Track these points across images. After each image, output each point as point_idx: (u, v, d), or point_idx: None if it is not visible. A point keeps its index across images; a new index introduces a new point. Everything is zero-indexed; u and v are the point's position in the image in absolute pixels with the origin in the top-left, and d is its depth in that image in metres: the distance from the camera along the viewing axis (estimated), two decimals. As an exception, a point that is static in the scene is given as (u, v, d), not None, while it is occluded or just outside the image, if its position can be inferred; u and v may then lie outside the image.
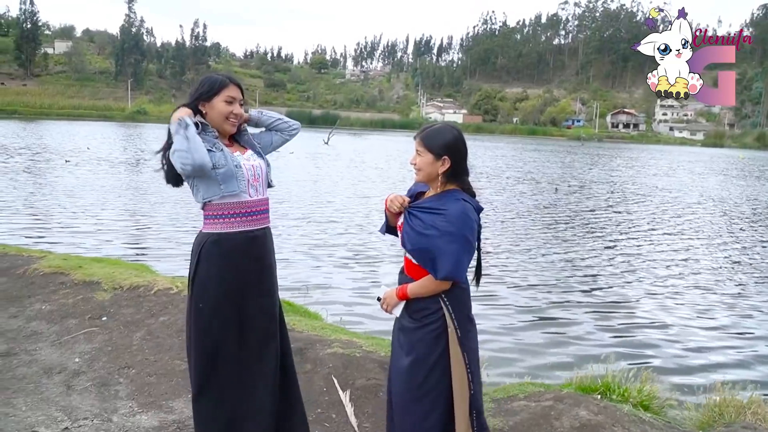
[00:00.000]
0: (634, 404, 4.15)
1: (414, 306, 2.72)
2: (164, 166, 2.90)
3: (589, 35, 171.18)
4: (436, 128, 2.74)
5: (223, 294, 2.81)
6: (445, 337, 2.66)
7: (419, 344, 2.70)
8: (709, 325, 7.73)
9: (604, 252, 11.96)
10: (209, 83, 2.84)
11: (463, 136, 2.74)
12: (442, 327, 2.66)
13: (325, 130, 62.10)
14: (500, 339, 6.86)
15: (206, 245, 2.81)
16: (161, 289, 5.66)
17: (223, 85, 2.84)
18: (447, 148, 2.66)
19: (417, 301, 2.70)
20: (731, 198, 23.51)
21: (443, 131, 2.71)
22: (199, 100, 2.85)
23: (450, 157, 2.66)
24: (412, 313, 2.73)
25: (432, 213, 2.62)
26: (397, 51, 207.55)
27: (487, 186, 23.41)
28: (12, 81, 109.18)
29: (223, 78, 2.88)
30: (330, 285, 8.45)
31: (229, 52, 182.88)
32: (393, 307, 2.78)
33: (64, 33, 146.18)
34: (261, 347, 2.94)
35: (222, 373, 2.86)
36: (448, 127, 2.75)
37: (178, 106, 2.87)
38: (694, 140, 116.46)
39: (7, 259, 6.65)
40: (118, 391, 4.03)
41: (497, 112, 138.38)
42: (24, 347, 4.67)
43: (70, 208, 13.99)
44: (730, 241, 13.93)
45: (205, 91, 2.83)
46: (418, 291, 2.69)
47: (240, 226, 2.83)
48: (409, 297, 2.72)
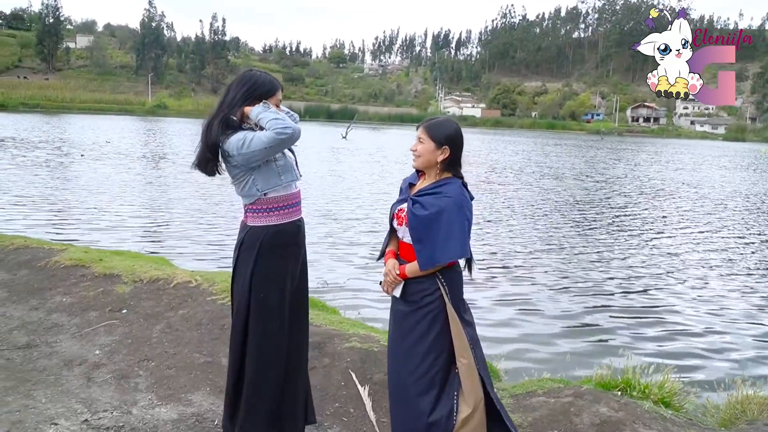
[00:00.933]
0: (654, 401, 4.09)
1: (411, 288, 2.88)
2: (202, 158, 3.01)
3: (609, 28, 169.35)
4: (439, 120, 2.97)
5: (284, 282, 3.04)
6: (443, 317, 2.82)
7: (418, 326, 2.85)
8: (730, 320, 7.62)
9: (625, 247, 11.84)
10: (270, 83, 3.02)
11: (461, 131, 2.96)
12: (440, 307, 2.83)
13: (343, 124, 62.14)
14: (519, 334, 6.82)
15: (266, 239, 2.98)
16: (180, 282, 5.69)
17: (277, 88, 3.04)
18: (448, 139, 2.88)
19: (414, 283, 2.87)
20: (761, 193, 23.14)
21: (446, 124, 2.93)
22: (254, 97, 2.97)
23: (450, 148, 2.88)
24: (410, 295, 2.89)
25: (434, 196, 2.81)
26: (415, 45, 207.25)
27: (514, 181, 23.31)
28: (34, 75, 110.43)
29: (276, 80, 3.08)
30: (347, 279, 8.44)
31: (248, 46, 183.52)
32: (392, 287, 2.92)
33: (85, 27, 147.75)
34: (304, 328, 3.24)
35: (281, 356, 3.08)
36: (450, 120, 2.97)
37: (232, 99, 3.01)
38: (715, 134, 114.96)
39: (28, 252, 6.72)
40: (137, 384, 4.06)
41: (516, 107, 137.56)
42: (45, 339, 4.72)
43: (91, 202, 14.13)
44: (755, 237, 13.71)
45: (266, 90, 3.00)
46: (416, 271, 2.84)
47: (292, 216, 3.06)
48: (408, 276, 2.87)
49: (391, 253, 3.00)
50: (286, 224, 3.03)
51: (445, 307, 2.83)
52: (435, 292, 2.83)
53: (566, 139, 77.29)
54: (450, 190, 2.82)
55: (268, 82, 3.01)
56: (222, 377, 4.12)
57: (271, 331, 3.03)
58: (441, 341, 2.82)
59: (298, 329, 3.17)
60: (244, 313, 3.04)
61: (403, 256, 2.94)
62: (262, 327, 3.02)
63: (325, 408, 3.83)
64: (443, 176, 2.91)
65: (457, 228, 2.77)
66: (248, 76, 3.02)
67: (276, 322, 3.03)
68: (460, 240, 2.78)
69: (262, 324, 3.02)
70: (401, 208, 2.94)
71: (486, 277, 9.05)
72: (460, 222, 2.79)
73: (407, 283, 2.89)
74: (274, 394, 3.07)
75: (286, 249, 3.04)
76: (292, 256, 3.09)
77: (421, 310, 2.84)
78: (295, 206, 3.08)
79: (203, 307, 5.18)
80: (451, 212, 2.77)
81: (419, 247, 2.81)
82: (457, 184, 2.87)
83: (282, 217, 3.01)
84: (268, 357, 3.04)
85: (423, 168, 2.96)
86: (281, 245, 3.02)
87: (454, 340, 2.82)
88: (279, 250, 3.01)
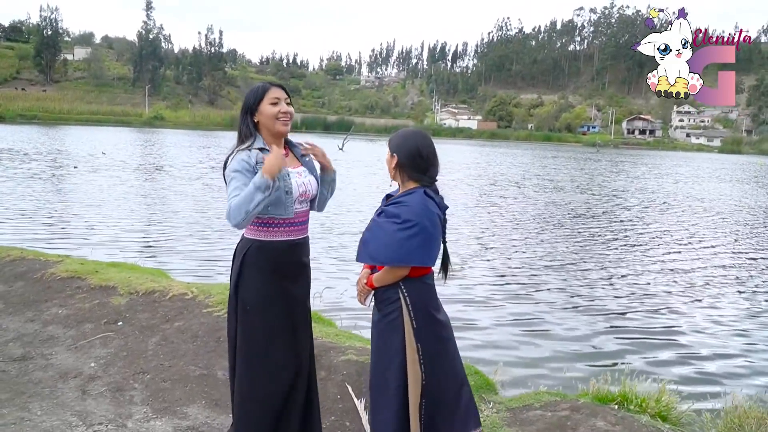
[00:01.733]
0: (651, 415, 4.08)
1: (379, 296, 2.93)
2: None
3: (605, 41, 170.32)
4: (398, 131, 3.06)
5: (267, 296, 2.94)
6: (400, 328, 2.82)
7: (381, 335, 2.90)
8: (728, 334, 7.60)
9: (624, 260, 11.85)
10: (252, 95, 2.98)
11: (421, 139, 2.96)
12: (400, 318, 2.83)
13: (339, 136, 62.28)
14: (515, 348, 6.80)
15: (250, 250, 2.93)
16: (176, 294, 5.68)
17: (264, 90, 2.97)
18: (396, 146, 2.94)
19: (381, 291, 2.90)
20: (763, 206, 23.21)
21: (400, 133, 3.03)
22: (249, 113, 2.97)
23: (397, 155, 2.91)
24: (378, 303, 2.95)
25: (395, 206, 2.84)
26: (411, 57, 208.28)
27: (516, 194, 23.35)
28: (32, 87, 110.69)
29: (262, 84, 3.02)
30: (344, 291, 8.42)
31: (245, 58, 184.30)
32: (364, 296, 2.99)
33: (83, 39, 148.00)
34: (299, 346, 3.08)
35: (267, 369, 2.97)
36: (406, 130, 3.06)
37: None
38: (711, 147, 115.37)
39: (24, 263, 6.70)
40: (132, 397, 4.04)
41: (512, 119, 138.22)
42: (40, 351, 4.70)
43: (87, 214, 14.09)
44: (759, 252, 13.74)
45: (251, 102, 2.96)
46: (380, 278, 2.87)
47: (282, 235, 2.96)
48: (375, 286, 2.91)
49: (367, 266, 3.05)
50: (276, 241, 2.94)
51: (402, 318, 2.82)
52: (396, 302, 2.84)
53: (563, 151, 77.48)
54: (409, 198, 2.83)
55: (252, 92, 2.99)
56: (217, 390, 4.12)
57: (256, 345, 2.95)
58: (401, 353, 2.81)
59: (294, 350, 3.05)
60: (233, 324, 3.02)
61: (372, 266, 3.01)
62: (247, 339, 2.95)
63: (322, 421, 3.81)
64: (408, 186, 2.93)
65: (391, 235, 2.75)
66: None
67: (261, 335, 2.94)
68: (391, 245, 2.75)
69: (247, 336, 2.95)
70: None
71: (484, 291, 9.04)
72: (409, 227, 2.73)
73: (376, 292, 2.94)
74: (263, 412, 2.99)
75: (273, 264, 2.93)
76: (285, 274, 2.97)
77: (385, 319, 2.88)
78: (290, 226, 2.98)
79: (199, 319, 5.17)
80: (397, 219, 2.76)
81: (361, 245, 2.90)
82: (419, 193, 2.84)
83: (271, 235, 2.93)
84: (254, 371, 2.96)
85: (391, 177, 3.01)
86: (268, 259, 2.92)
87: (407, 357, 2.80)
88: (264, 264, 2.92)
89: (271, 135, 2.97)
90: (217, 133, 77.54)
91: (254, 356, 2.95)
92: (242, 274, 2.93)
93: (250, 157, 2.86)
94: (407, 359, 2.79)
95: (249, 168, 2.82)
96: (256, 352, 2.95)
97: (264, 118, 2.94)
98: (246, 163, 2.83)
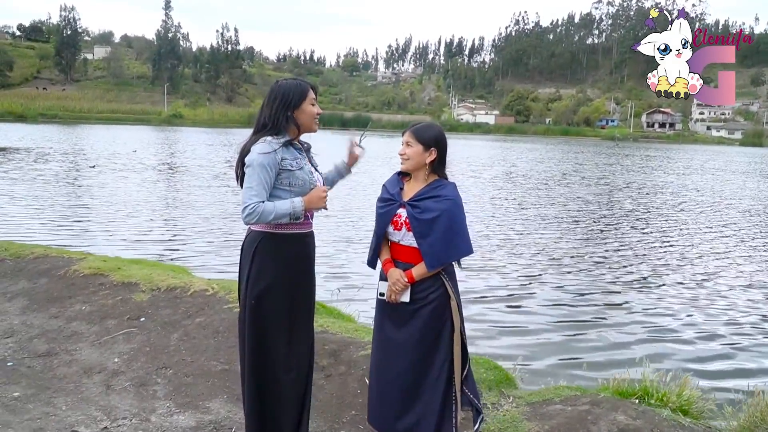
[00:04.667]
0: (672, 409, 4.05)
1: (418, 287, 3.02)
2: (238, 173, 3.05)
3: (623, 34, 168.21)
4: (425, 124, 3.15)
5: (276, 286, 2.96)
6: (448, 310, 3.02)
7: (426, 322, 3.02)
8: (749, 328, 7.53)
9: (642, 254, 11.75)
10: (298, 92, 3.00)
11: (444, 133, 3.14)
12: (445, 302, 3.02)
13: (357, 132, 62.15)
14: (534, 341, 6.79)
15: (262, 241, 2.96)
16: (197, 290, 5.73)
17: (307, 89, 3.03)
18: (435, 141, 3.05)
19: (420, 282, 3.01)
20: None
21: (432, 126, 3.12)
22: (289, 108, 2.98)
23: (436, 149, 3.05)
24: (417, 294, 3.02)
25: (434, 200, 2.98)
26: (428, 53, 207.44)
27: (544, 187, 23.21)
28: (53, 86, 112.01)
29: (303, 82, 3.07)
30: (362, 286, 8.43)
31: (262, 55, 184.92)
32: (401, 294, 3.03)
33: (103, 39, 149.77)
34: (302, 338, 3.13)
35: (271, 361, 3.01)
36: (434, 123, 3.20)
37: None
38: (732, 139, 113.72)
39: (48, 261, 6.80)
40: (156, 392, 4.10)
41: (530, 113, 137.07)
42: (64, 347, 4.77)
43: (109, 211, 14.27)
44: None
45: (295, 99, 2.99)
46: (423, 273, 2.99)
47: (292, 228, 3.00)
48: (416, 280, 3.00)
49: (390, 262, 3.12)
50: (287, 234, 2.97)
51: (449, 300, 3.03)
52: (439, 288, 3.02)
53: (584, 145, 76.72)
54: (448, 192, 3.01)
55: (295, 89, 3.00)
56: (239, 385, 4.13)
57: (265, 336, 2.98)
58: (447, 334, 3.03)
59: (299, 339, 3.10)
60: (243, 318, 3.05)
61: (404, 259, 3.08)
62: (255, 332, 2.98)
63: (342, 416, 3.84)
64: (431, 178, 3.08)
65: (462, 227, 3.01)
66: (275, 89, 3.02)
67: (271, 327, 2.98)
68: (466, 238, 3.02)
69: (255, 329, 2.98)
70: (398, 214, 3.06)
71: (503, 284, 9.02)
72: (461, 221, 3.01)
73: (415, 284, 3.03)
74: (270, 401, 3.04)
75: (282, 254, 2.97)
76: (293, 266, 3.01)
77: (428, 306, 3.01)
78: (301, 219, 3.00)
79: (220, 315, 5.22)
80: (454, 213, 2.97)
81: (427, 248, 2.94)
82: (453, 186, 3.06)
83: (283, 228, 2.96)
84: (262, 363, 3.00)
85: (412, 170, 3.10)
86: (277, 250, 2.96)
87: (454, 327, 3.03)
88: (274, 254, 2.95)
89: (302, 132, 3.07)
90: (235, 131, 77.87)
91: (261, 349, 2.99)
92: (254, 264, 2.96)
93: (276, 151, 2.90)
94: (454, 335, 3.03)
95: (273, 164, 2.88)
96: (263, 344, 2.99)
97: (305, 116, 3.02)
98: (272, 158, 2.87)
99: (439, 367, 3.02)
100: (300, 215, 2.89)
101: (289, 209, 2.85)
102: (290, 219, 2.87)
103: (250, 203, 2.81)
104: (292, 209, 2.85)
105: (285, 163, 2.91)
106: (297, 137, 3.06)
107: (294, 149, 2.99)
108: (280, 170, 2.90)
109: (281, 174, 2.91)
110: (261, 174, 2.85)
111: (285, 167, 2.91)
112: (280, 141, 2.93)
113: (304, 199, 2.91)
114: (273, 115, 2.97)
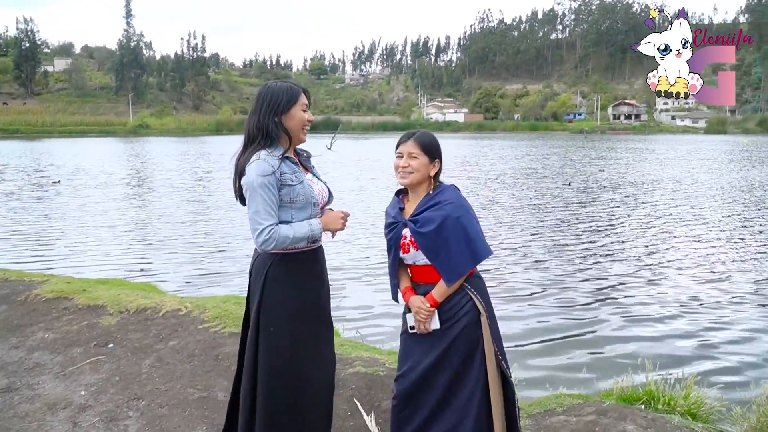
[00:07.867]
0: (681, 413, 3.86)
1: (445, 308, 2.73)
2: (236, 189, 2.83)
3: (586, 29, 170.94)
4: (424, 132, 2.87)
5: (293, 310, 2.75)
6: (479, 326, 2.72)
7: (455, 342, 2.72)
8: (753, 327, 7.29)
9: (635, 254, 11.56)
10: (288, 94, 2.76)
11: None
12: (475, 317, 2.72)
13: (327, 135, 61.89)
14: (530, 346, 6.55)
15: (273, 264, 2.74)
16: (170, 310, 5.39)
17: (298, 94, 2.79)
18: (439, 152, 2.83)
19: (443, 303, 2.73)
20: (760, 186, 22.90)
21: (429, 134, 2.87)
22: (277, 114, 2.73)
23: (439, 160, 2.85)
24: (444, 314, 2.74)
25: (433, 209, 2.72)
26: (395, 53, 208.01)
27: (522, 187, 23.14)
28: (13, 101, 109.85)
29: (294, 85, 2.82)
30: (343, 297, 8.14)
31: (228, 61, 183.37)
32: (428, 322, 2.75)
33: (63, 50, 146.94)
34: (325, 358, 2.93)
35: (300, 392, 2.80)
36: (428, 131, 2.90)
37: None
38: (696, 128, 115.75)
39: (7, 285, 6.39)
40: (127, 426, 3.75)
41: (498, 110, 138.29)
42: (26, 381, 4.39)
43: (72, 229, 13.76)
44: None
45: (285, 102, 2.74)
46: (445, 291, 2.71)
47: (302, 247, 2.78)
48: (439, 302, 2.72)
49: (409, 290, 2.85)
50: (298, 252, 2.76)
51: (479, 317, 2.74)
52: (468, 303, 2.74)
53: (553, 140, 77.27)
54: (447, 196, 2.75)
55: (284, 92, 2.75)
56: (219, 413, 3.83)
57: (282, 360, 2.75)
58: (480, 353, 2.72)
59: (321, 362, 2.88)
60: (254, 344, 2.79)
61: (421, 280, 2.82)
62: (271, 357, 2.74)
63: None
64: (430, 189, 2.84)
65: (471, 230, 2.70)
66: (263, 92, 2.76)
67: (288, 351, 2.75)
68: (479, 240, 2.72)
69: (272, 354, 2.74)
70: (404, 235, 2.80)
71: (491, 287, 8.78)
72: (469, 223, 2.71)
73: (441, 306, 2.74)
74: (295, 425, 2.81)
75: (296, 278, 2.76)
76: (309, 288, 2.81)
77: (457, 325, 2.73)
78: None
79: (195, 336, 4.88)
80: (458, 216, 2.69)
81: (439, 262, 2.69)
82: (452, 188, 2.82)
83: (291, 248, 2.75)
84: (277, 393, 2.76)
85: (416, 184, 2.81)
86: (291, 274, 2.75)
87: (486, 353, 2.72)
88: (287, 280, 2.74)
89: (290, 142, 2.79)
90: (204, 139, 77.06)
91: (280, 372, 2.75)
92: (266, 289, 2.73)
93: (274, 168, 2.65)
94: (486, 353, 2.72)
95: (275, 182, 2.65)
96: (282, 366, 2.75)
97: (294, 123, 2.77)
98: (271, 176, 2.64)
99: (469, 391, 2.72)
100: (318, 238, 2.76)
101: (307, 232, 2.69)
102: (308, 242, 2.71)
103: (265, 227, 2.60)
104: (310, 232, 2.70)
105: (285, 178, 2.68)
106: (290, 148, 2.80)
107: (290, 162, 2.75)
108: (281, 186, 2.66)
109: (281, 190, 2.67)
110: (265, 195, 2.62)
111: (285, 182, 2.68)
112: (276, 156, 2.68)
113: (321, 221, 2.76)
114: (261, 122, 2.71)
